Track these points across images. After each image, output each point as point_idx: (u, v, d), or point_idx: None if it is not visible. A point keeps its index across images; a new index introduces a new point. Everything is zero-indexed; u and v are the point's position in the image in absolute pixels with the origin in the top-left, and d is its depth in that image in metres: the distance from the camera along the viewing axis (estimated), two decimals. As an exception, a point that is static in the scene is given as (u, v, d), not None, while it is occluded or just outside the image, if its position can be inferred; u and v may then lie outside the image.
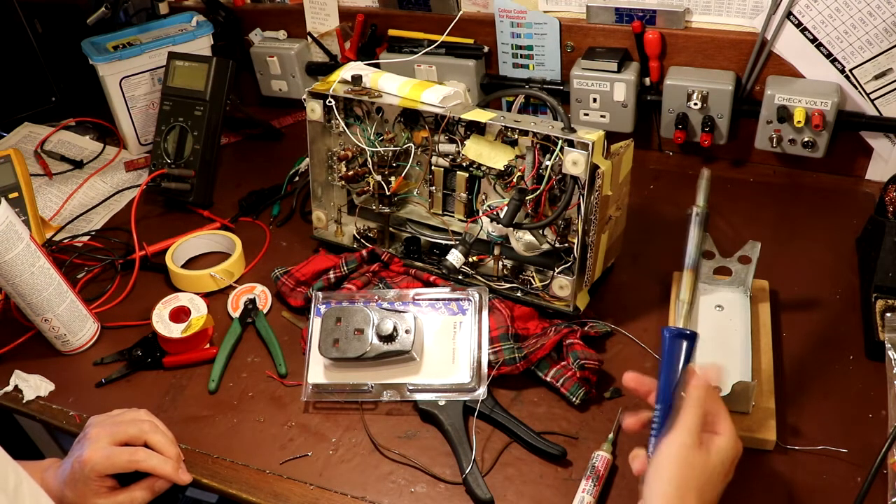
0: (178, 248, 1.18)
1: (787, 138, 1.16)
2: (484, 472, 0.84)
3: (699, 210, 0.77)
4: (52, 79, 1.60)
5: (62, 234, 1.29)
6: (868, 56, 1.09)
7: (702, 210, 0.77)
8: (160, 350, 1.02)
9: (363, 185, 1.11)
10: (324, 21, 1.44)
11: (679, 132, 1.21)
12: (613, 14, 1.22)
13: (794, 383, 0.89)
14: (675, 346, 0.71)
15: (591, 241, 0.94)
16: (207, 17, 1.47)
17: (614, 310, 1.02)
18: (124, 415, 0.89)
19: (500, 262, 1.04)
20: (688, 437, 0.66)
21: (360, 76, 1.05)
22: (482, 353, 0.92)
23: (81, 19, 1.35)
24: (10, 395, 1.00)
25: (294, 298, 1.07)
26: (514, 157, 0.98)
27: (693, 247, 0.77)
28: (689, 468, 0.65)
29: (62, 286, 1.00)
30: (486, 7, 1.31)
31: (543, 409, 0.90)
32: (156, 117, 1.35)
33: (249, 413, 0.94)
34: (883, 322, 0.91)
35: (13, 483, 0.65)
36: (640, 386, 0.73)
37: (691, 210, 0.77)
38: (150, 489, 0.85)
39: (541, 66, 1.31)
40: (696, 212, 0.77)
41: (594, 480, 0.79)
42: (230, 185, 1.36)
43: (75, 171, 1.46)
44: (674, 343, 0.71)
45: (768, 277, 1.00)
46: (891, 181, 1.02)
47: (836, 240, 1.09)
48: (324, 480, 0.85)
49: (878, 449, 0.74)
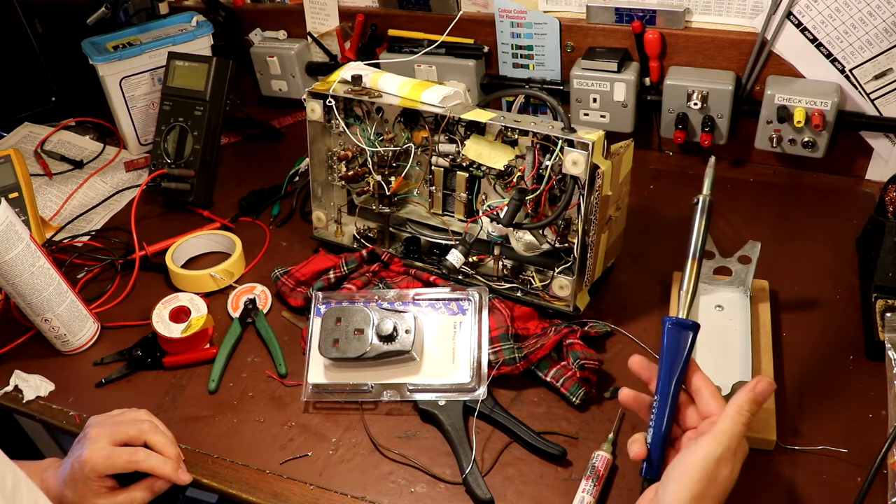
0: (178, 248, 1.18)
1: (787, 138, 1.16)
2: (484, 472, 0.84)
3: (704, 198, 0.76)
4: (52, 79, 1.60)
5: (62, 234, 1.29)
6: (868, 56, 1.09)
7: (707, 198, 0.76)
8: (160, 350, 1.02)
9: (363, 185, 1.11)
10: (324, 21, 1.44)
11: (679, 132, 1.21)
12: (613, 14, 1.22)
13: (794, 383, 0.89)
14: (676, 337, 0.70)
15: (591, 241, 0.94)
16: (207, 17, 1.47)
17: (614, 310, 1.02)
18: (124, 415, 0.89)
19: (500, 262, 1.04)
20: (718, 447, 0.63)
21: (360, 76, 1.05)
22: (482, 353, 0.92)
23: (81, 19, 1.35)
24: (10, 395, 1.00)
25: (294, 298, 1.07)
26: (514, 157, 0.98)
27: (697, 235, 0.75)
28: (711, 481, 0.63)
29: (62, 286, 1.00)
30: (486, 7, 1.31)
31: (543, 409, 0.90)
32: (156, 117, 1.35)
33: (249, 413, 0.94)
34: (883, 322, 0.91)
35: (11, 484, 0.65)
36: (643, 371, 0.72)
37: (696, 199, 0.76)
38: (150, 489, 0.85)
39: (541, 66, 1.31)
40: (700, 200, 0.76)
41: (594, 480, 0.79)
42: (230, 185, 1.36)
43: (75, 171, 1.46)
44: (674, 333, 0.71)
45: (768, 277, 1.00)
46: (891, 181, 1.02)
47: (836, 240, 1.09)
48: (324, 480, 0.85)
49: (878, 449, 0.74)
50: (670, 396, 0.69)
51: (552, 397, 0.91)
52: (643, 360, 0.73)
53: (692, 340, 0.70)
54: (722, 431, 0.64)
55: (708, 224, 0.76)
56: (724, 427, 0.64)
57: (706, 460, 0.63)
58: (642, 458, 0.69)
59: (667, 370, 0.70)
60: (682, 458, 0.65)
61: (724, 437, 0.64)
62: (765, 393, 0.67)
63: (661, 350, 0.71)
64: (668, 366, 0.70)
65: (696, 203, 0.76)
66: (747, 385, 0.67)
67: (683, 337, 0.70)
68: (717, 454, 0.63)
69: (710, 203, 0.76)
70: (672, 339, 0.71)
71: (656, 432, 0.69)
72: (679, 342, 0.70)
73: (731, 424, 0.65)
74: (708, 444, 0.64)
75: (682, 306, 0.73)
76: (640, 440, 0.70)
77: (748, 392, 0.66)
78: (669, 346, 0.70)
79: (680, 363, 0.70)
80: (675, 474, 0.64)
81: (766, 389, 0.67)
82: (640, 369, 0.73)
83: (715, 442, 0.64)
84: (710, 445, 0.64)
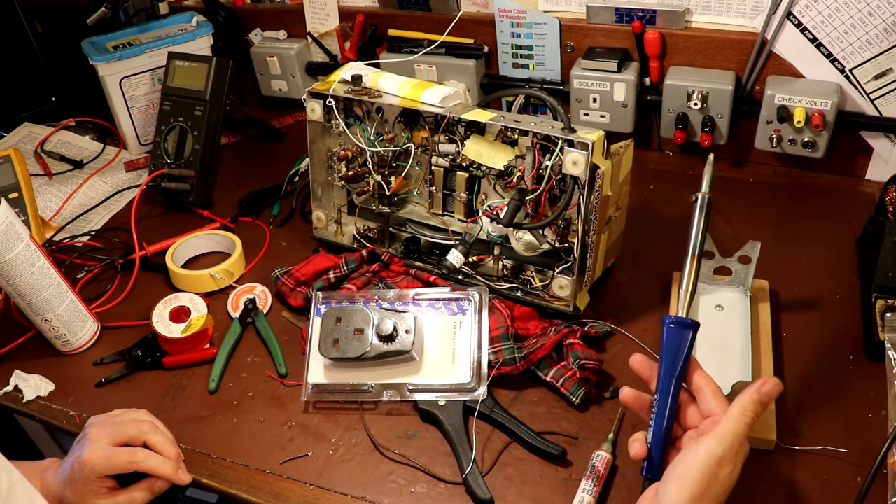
0: (178, 248, 1.18)
1: (787, 138, 1.16)
2: (484, 472, 0.84)
3: (703, 195, 0.76)
4: (52, 79, 1.60)
5: (62, 234, 1.29)
6: (868, 56, 1.09)
7: (706, 195, 0.75)
8: (160, 350, 1.02)
9: (363, 185, 1.11)
10: (324, 21, 1.44)
11: (679, 132, 1.21)
12: (613, 14, 1.22)
13: (793, 383, 0.89)
14: (676, 336, 0.70)
15: (591, 241, 0.94)
16: (207, 17, 1.47)
17: (614, 310, 1.02)
18: (124, 415, 0.89)
19: (500, 262, 1.04)
20: (720, 447, 0.63)
21: (360, 76, 1.05)
22: (482, 353, 0.92)
23: (81, 19, 1.35)
24: (10, 395, 1.00)
25: (294, 298, 1.07)
26: (514, 157, 0.98)
27: (696, 233, 0.75)
28: (711, 481, 0.62)
29: (62, 286, 1.00)
30: (486, 7, 1.31)
31: (543, 409, 0.90)
32: (156, 117, 1.35)
33: (249, 413, 0.94)
34: (883, 322, 0.91)
35: (6, 485, 0.65)
36: (643, 370, 0.72)
37: (695, 196, 0.76)
38: (150, 489, 0.85)
39: (541, 66, 1.31)
40: (699, 197, 0.76)
41: (594, 480, 0.79)
42: (230, 185, 1.36)
43: (75, 171, 1.46)
44: (674, 332, 0.70)
45: (768, 277, 1.00)
46: (891, 181, 1.02)
47: (836, 240, 1.09)
48: (324, 480, 0.85)
49: (878, 449, 0.74)
50: (670, 395, 0.69)
51: (552, 397, 0.91)
52: (644, 359, 0.73)
53: (692, 339, 0.70)
54: (725, 432, 0.64)
55: (707, 221, 0.75)
56: (727, 427, 0.64)
57: (707, 460, 0.63)
58: (642, 457, 0.69)
59: (667, 369, 0.69)
60: (683, 458, 0.65)
61: (727, 437, 0.63)
62: (771, 394, 0.66)
63: (661, 349, 0.71)
64: (668, 365, 0.70)
65: (695, 200, 0.76)
66: (753, 385, 0.66)
67: (684, 336, 0.70)
68: (719, 454, 0.63)
69: (709, 200, 0.75)
70: (672, 337, 0.70)
71: (656, 431, 0.69)
72: (679, 341, 0.70)
73: (735, 425, 0.64)
74: (710, 444, 0.63)
75: (682, 305, 0.73)
76: (641, 439, 0.69)
77: (753, 393, 0.65)
78: (670, 345, 0.70)
79: (680, 362, 0.69)
80: (675, 474, 0.64)
81: (772, 390, 0.66)
82: (640, 368, 0.72)
83: (717, 442, 0.63)
84: (712, 445, 0.63)
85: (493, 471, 0.84)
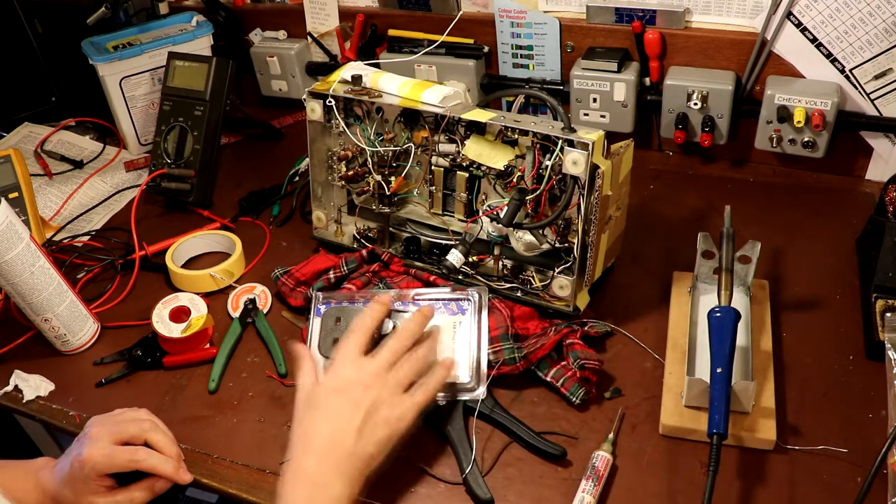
0: (178, 248, 1.18)
1: (787, 138, 1.16)
2: (484, 472, 0.84)
3: (727, 230, 0.94)
4: (52, 79, 1.60)
5: (62, 234, 1.29)
6: (868, 56, 1.09)
7: (729, 230, 0.94)
8: (160, 350, 1.02)
9: (363, 185, 1.11)
10: (324, 21, 1.44)
11: (679, 132, 1.21)
12: (613, 14, 1.22)
13: (794, 383, 0.89)
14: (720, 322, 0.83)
15: (591, 241, 0.94)
16: (207, 17, 1.47)
17: (614, 310, 1.02)
18: (125, 414, 0.89)
19: (500, 262, 1.04)
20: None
21: (360, 76, 1.05)
22: (482, 353, 0.92)
23: (81, 19, 1.36)
24: (10, 395, 1.00)
25: (294, 298, 1.07)
26: (514, 157, 0.98)
27: (726, 255, 0.92)
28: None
29: (62, 286, 1.00)
30: (486, 7, 1.31)
31: (543, 409, 0.90)
32: (156, 117, 1.35)
33: (249, 413, 0.94)
34: (883, 322, 0.91)
35: None
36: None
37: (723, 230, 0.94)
38: (150, 489, 0.85)
39: (541, 66, 1.31)
40: (724, 231, 0.94)
41: (594, 480, 0.79)
42: (230, 185, 1.36)
43: (75, 171, 1.46)
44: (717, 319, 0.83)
45: (768, 277, 1.00)
46: (891, 181, 1.02)
47: (836, 240, 1.09)
48: (324, 480, 0.85)
49: (878, 449, 0.74)
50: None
51: (552, 397, 0.91)
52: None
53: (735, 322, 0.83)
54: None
55: (733, 246, 0.93)
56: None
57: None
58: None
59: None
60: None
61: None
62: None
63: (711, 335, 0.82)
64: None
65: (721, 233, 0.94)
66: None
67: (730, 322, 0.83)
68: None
69: (732, 232, 0.94)
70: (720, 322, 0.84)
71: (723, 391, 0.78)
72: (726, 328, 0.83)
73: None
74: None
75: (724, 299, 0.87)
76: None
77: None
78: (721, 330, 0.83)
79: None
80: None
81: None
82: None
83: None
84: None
85: (493, 471, 0.84)
